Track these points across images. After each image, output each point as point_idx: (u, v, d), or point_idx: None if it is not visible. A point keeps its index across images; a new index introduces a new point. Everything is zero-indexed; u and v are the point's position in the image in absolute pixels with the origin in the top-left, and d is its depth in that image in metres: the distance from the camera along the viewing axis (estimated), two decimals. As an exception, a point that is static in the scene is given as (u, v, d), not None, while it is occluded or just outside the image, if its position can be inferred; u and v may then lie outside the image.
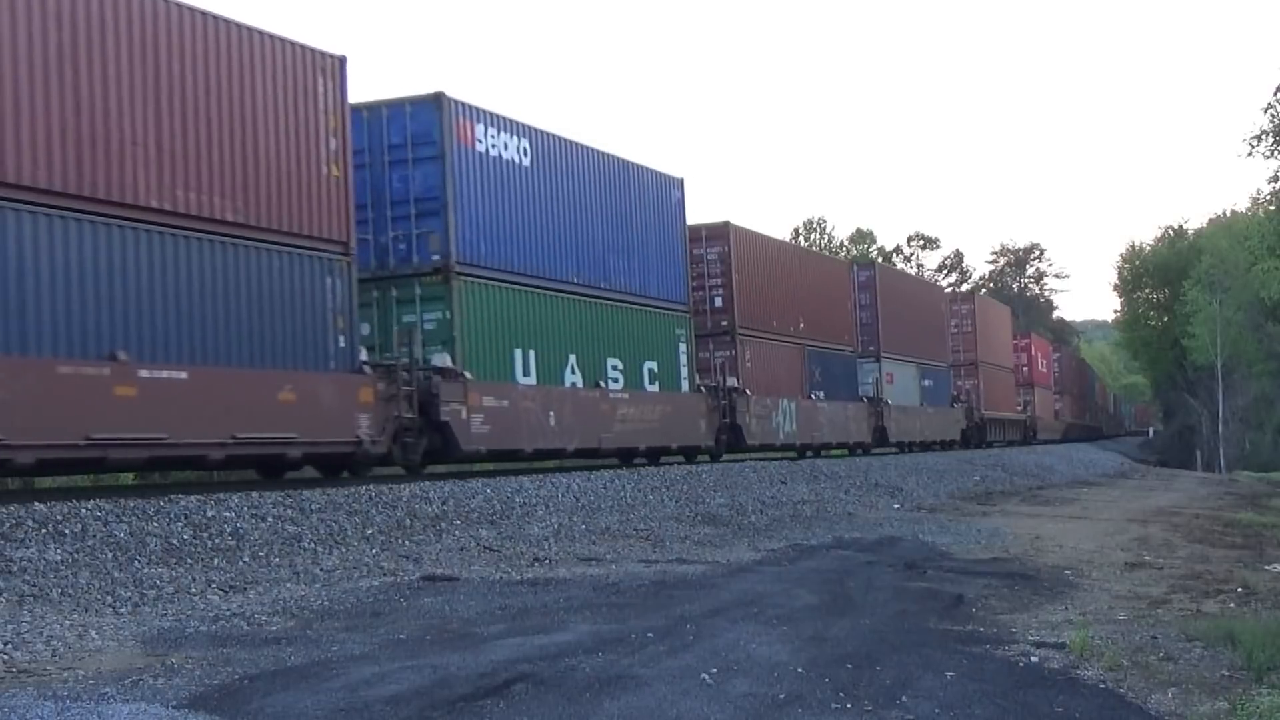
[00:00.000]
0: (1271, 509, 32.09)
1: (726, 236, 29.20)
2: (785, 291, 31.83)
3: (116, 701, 7.04)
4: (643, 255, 24.93)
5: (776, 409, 29.94)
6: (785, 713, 7.26)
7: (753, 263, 30.03)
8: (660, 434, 24.51)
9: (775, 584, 12.77)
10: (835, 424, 33.96)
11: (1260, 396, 68.37)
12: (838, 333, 35.47)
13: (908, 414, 40.44)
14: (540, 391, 20.90)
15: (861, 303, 38.83)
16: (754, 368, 29.36)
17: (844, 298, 36.69)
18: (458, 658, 8.42)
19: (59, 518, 11.88)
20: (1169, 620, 11.34)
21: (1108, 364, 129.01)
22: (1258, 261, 44.89)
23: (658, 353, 25.00)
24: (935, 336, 45.75)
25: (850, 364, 36.40)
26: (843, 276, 37.67)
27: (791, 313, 32.15)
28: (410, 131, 19.59)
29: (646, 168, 25.53)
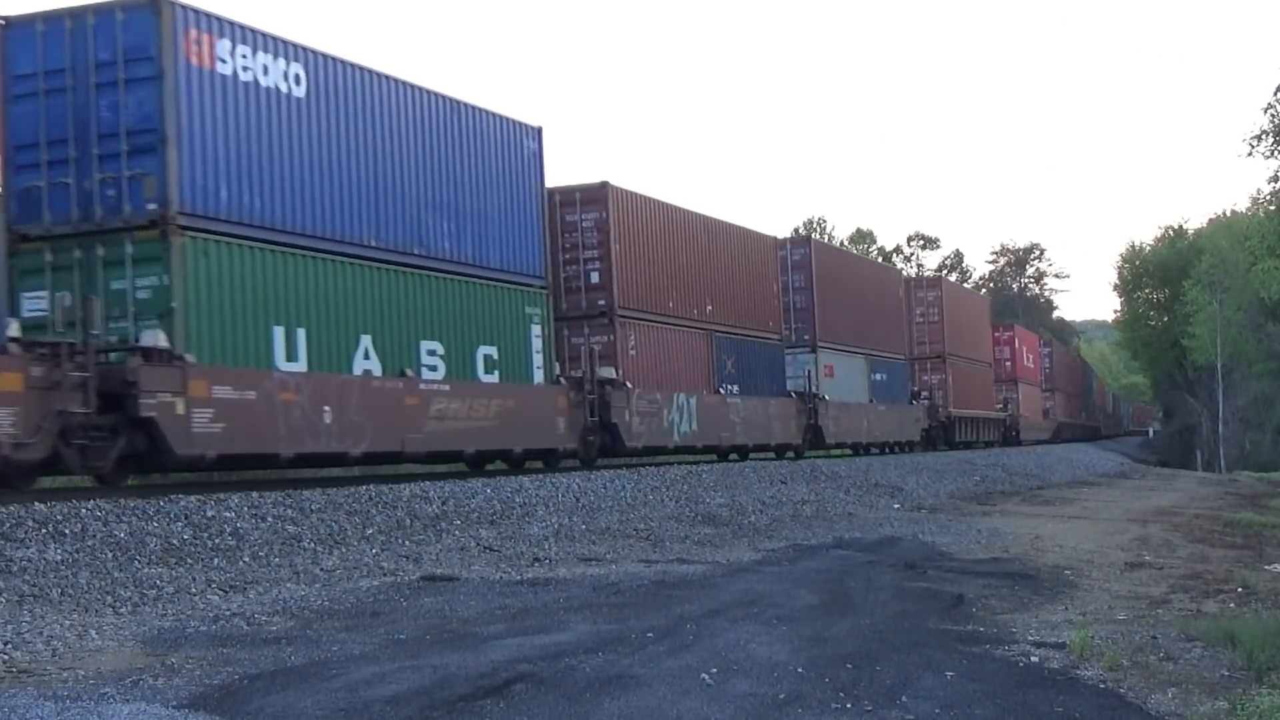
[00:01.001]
0: (1271, 509, 32.10)
1: (604, 200, 24.34)
2: (687, 268, 27.18)
3: (116, 701, 7.04)
4: (479, 217, 20.36)
5: (670, 405, 25.20)
6: (785, 713, 7.26)
7: (641, 232, 25.44)
8: (497, 435, 19.95)
9: (775, 584, 12.78)
10: (753, 423, 29.13)
11: (1260, 396, 68.37)
12: (760, 318, 30.66)
13: (851, 412, 35.79)
14: (311, 381, 16.47)
15: (795, 284, 33.90)
16: (641, 357, 24.82)
17: (769, 278, 31.57)
18: (458, 658, 8.42)
19: (59, 518, 11.88)
20: (1169, 620, 11.34)
21: (1108, 364, 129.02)
22: (1258, 261, 44.90)
23: (499, 336, 20.49)
24: (891, 325, 41.00)
25: (776, 354, 31.48)
26: (768, 254, 32.04)
27: (696, 293, 27.49)
28: (122, 45, 15.44)
29: (487, 111, 20.86)
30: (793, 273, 34.02)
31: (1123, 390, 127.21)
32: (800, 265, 34.43)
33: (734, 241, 30.13)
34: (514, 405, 20.49)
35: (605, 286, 24.19)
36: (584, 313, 24.08)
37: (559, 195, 23.94)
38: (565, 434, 21.95)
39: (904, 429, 40.81)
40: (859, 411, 36.66)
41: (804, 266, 34.46)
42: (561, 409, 21.92)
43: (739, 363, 29.04)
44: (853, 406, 36.19)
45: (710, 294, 28.18)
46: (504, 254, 21.04)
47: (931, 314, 46.83)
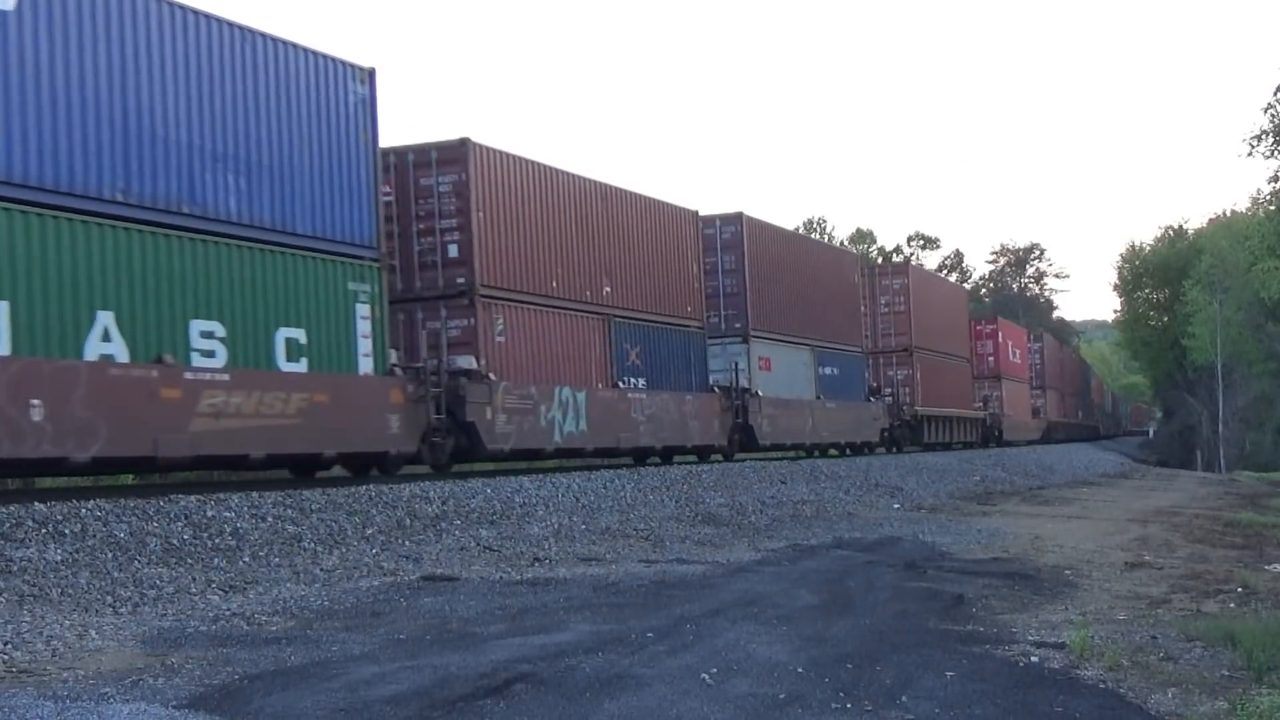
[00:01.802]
0: (1271, 509, 32.09)
1: (464, 160, 20.48)
2: (578, 243, 23.43)
3: (116, 701, 7.04)
4: (282, 172, 16.80)
5: (551, 401, 21.56)
6: (785, 713, 7.26)
7: (513, 199, 21.61)
8: (301, 436, 16.42)
9: (775, 584, 12.78)
10: (662, 422, 25.17)
11: (1260, 396, 68.42)
12: (676, 303, 26.79)
13: (790, 409, 31.55)
14: (8, 367, 12.93)
15: (725, 266, 30.00)
16: (513, 344, 21.11)
17: (689, 259, 27.60)
18: (458, 658, 8.42)
19: (59, 518, 11.88)
20: (1169, 620, 11.34)
21: (1108, 364, 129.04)
22: (1258, 261, 44.98)
23: (309, 316, 17.01)
24: (844, 315, 36.80)
25: (696, 344, 27.38)
26: (687, 230, 27.83)
27: (590, 272, 23.69)
28: None
29: (295, 45, 17.36)
30: (722, 254, 30.05)
31: (1122, 390, 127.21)
32: (731, 245, 30.22)
33: (642, 215, 25.97)
34: (326, 400, 16.80)
35: (465, 261, 20.35)
36: (441, 292, 20.34)
37: (412, 155, 20.58)
38: (401, 434, 18.16)
39: (859, 428, 36.80)
40: (801, 409, 32.35)
41: (735, 246, 30.21)
42: (395, 405, 18.09)
43: (647, 353, 25.24)
44: (793, 403, 31.84)
45: (609, 274, 24.28)
46: (318, 218, 17.35)
47: (898, 303, 42.53)
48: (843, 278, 37.46)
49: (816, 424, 33.40)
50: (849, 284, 37.91)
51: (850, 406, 36.23)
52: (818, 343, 34.25)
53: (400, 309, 19.87)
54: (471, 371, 19.89)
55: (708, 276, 29.10)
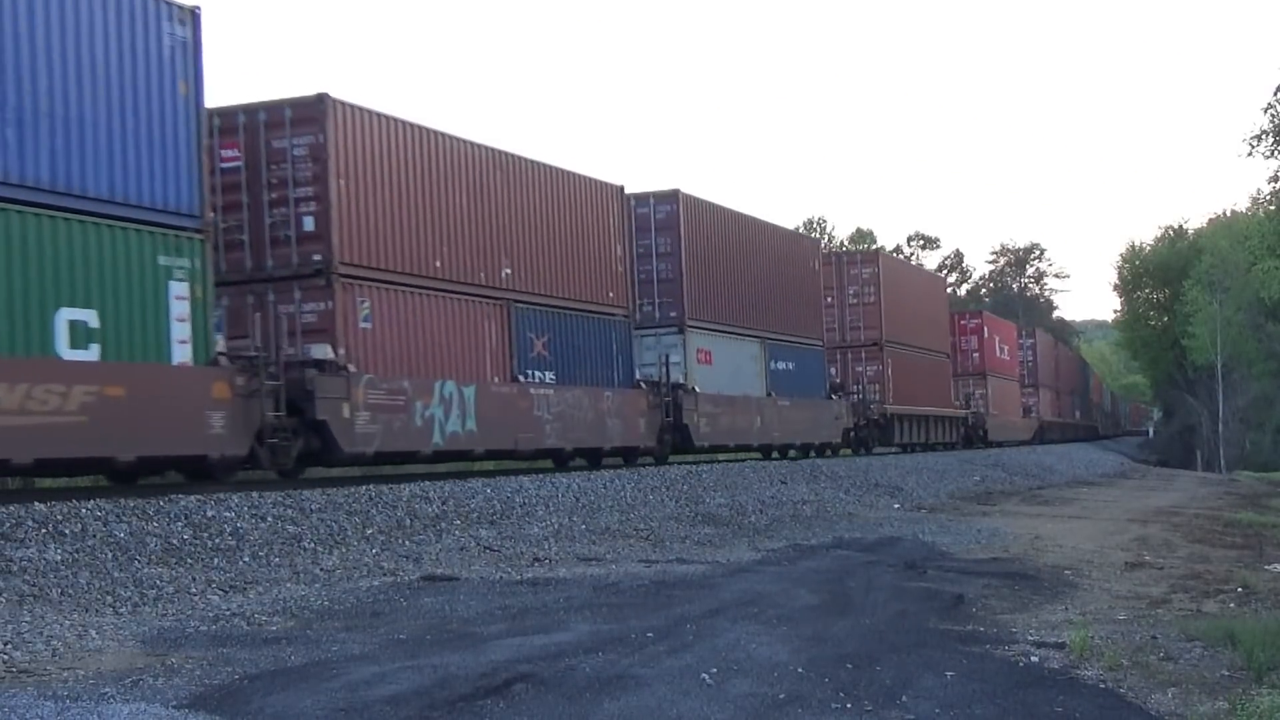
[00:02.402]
0: (1271, 509, 32.11)
1: (321, 119, 17.62)
2: (467, 219, 20.47)
3: (116, 701, 7.05)
4: (69, 124, 14.11)
5: (430, 396, 18.76)
6: (785, 713, 7.27)
7: (381, 165, 18.70)
8: (87, 438, 13.64)
9: (775, 584, 12.78)
10: (574, 420, 22.25)
11: (1260, 396, 68.42)
12: (596, 288, 23.83)
13: (734, 407, 28.48)
14: None
15: (660, 249, 26.99)
16: (383, 331, 18.37)
17: (612, 239, 24.57)
18: (458, 658, 8.43)
19: (59, 518, 11.89)
20: (1169, 620, 11.35)
21: (1108, 364, 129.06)
22: (1258, 261, 44.96)
23: (104, 295, 14.26)
24: (802, 305, 33.75)
25: (620, 334, 24.49)
26: (612, 208, 24.82)
27: (483, 252, 20.74)
28: None
29: None
30: (657, 235, 27.04)
31: (1122, 390, 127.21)
32: (666, 226, 27.13)
33: (554, 188, 23.02)
34: (122, 395, 14.11)
35: (322, 236, 17.59)
36: (294, 271, 17.61)
37: (264, 113, 17.88)
38: (226, 435, 15.36)
39: (818, 428, 33.61)
40: (747, 407, 29.21)
41: (670, 227, 27.14)
42: (219, 401, 15.41)
43: (557, 343, 22.28)
44: (738, 401, 28.78)
45: (511, 254, 21.36)
46: (118, 180, 14.69)
47: (867, 294, 39.37)
48: (800, 265, 34.16)
49: (766, 423, 30.12)
50: (807, 271, 34.61)
51: (807, 404, 32.97)
52: (769, 335, 31.09)
53: (250, 290, 17.52)
54: (326, 362, 17.19)
55: (640, 261, 26.58)
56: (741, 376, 29.47)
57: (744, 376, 29.62)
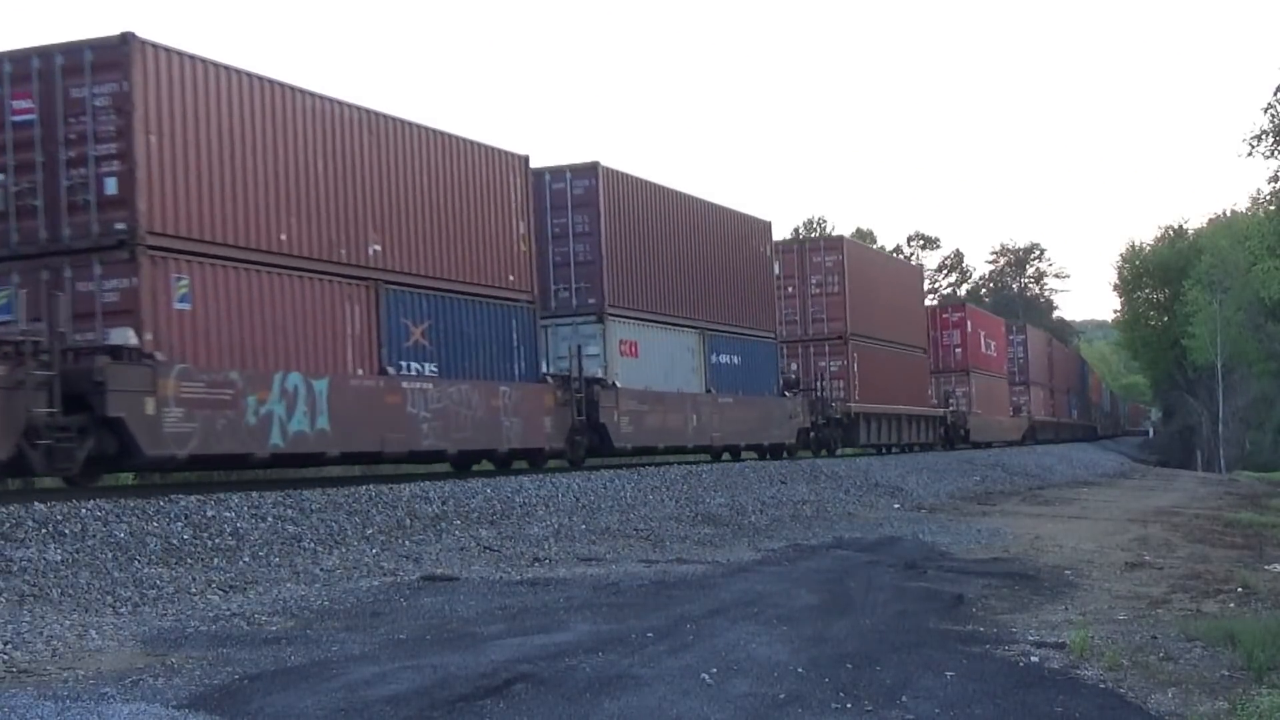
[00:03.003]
0: (1271, 509, 32.11)
1: (126, 64, 15.06)
2: (324, 187, 17.70)
3: (116, 701, 7.05)
4: None
5: (266, 390, 16.15)
6: (785, 713, 7.27)
7: (204, 122, 16.03)
8: None
9: (775, 584, 12.78)
10: (458, 419, 19.42)
11: (1260, 396, 68.47)
12: (490, 270, 20.86)
13: (665, 405, 25.61)
14: None
15: (576, 228, 24.15)
16: (207, 313, 15.76)
17: (512, 215, 21.57)
18: (458, 658, 8.43)
19: (59, 518, 11.89)
20: (1169, 620, 11.35)
21: (1108, 364, 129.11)
22: (1258, 261, 44.96)
23: None
24: (750, 294, 30.68)
25: (522, 322, 21.54)
26: (513, 180, 21.79)
27: (344, 225, 17.94)
28: None
29: None
30: (574, 213, 24.25)
31: (1122, 390, 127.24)
32: (584, 202, 24.34)
33: (439, 157, 20.16)
34: None
35: (126, 201, 15.10)
36: (95, 242, 15.13)
37: (61, 57, 15.32)
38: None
39: (767, 427, 30.55)
40: (681, 404, 26.28)
41: (589, 204, 24.33)
42: None
43: (440, 331, 19.53)
44: (669, 398, 25.83)
45: (380, 229, 18.63)
46: None
47: (830, 284, 36.40)
48: (749, 249, 30.99)
49: (704, 423, 27.12)
50: (757, 257, 31.48)
51: (755, 402, 29.97)
52: (710, 325, 28.13)
53: (45, 265, 15.14)
54: (124, 349, 14.62)
55: (556, 242, 24.00)
56: (675, 371, 26.59)
57: (678, 371, 26.72)
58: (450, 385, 19.35)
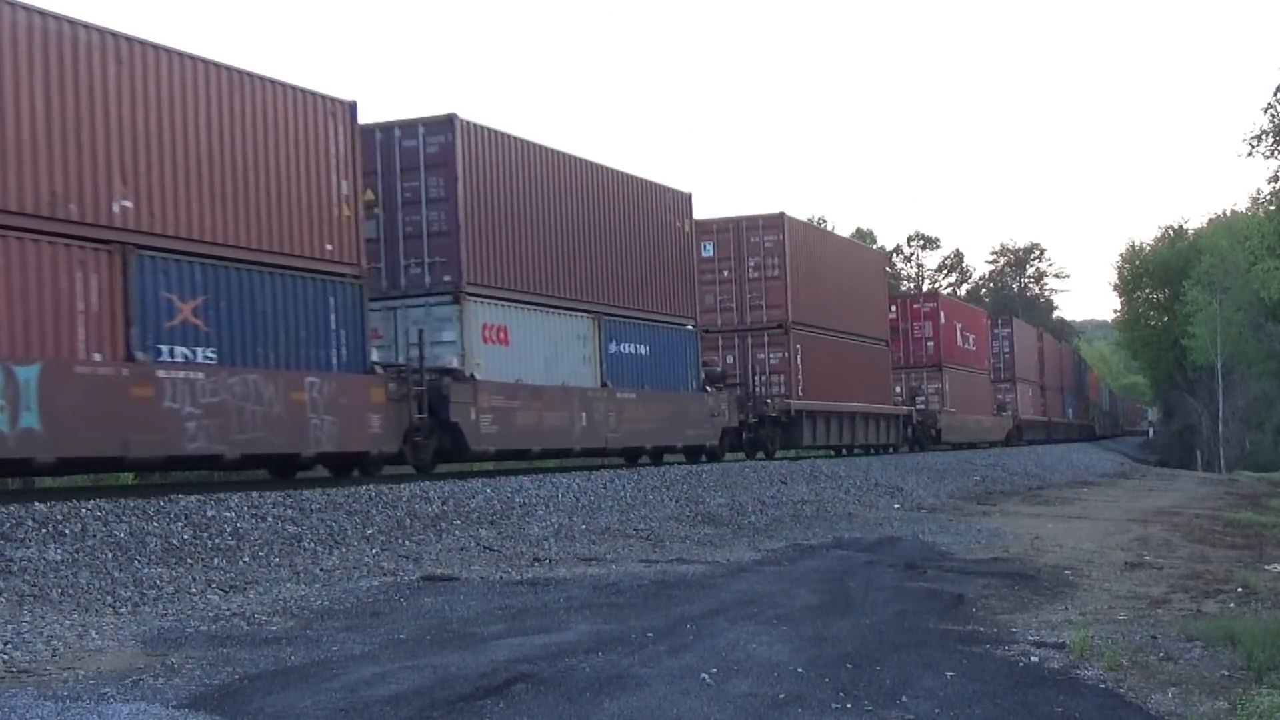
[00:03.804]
0: (1271, 509, 32.11)
1: None
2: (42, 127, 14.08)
3: (116, 701, 7.05)
4: None
5: None
6: (785, 712, 7.27)
7: None
8: None
9: (775, 584, 12.78)
10: (244, 415, 15.75)
11: (1260, 396, 68.44)
12: (299, 236, 17.19)
13: (543, 401, 21.66)
14: None
15: (430, 193, 20.34)
16: None
17: (330, 174, 17.80)
18: (458, 658, 8.43)
19: (59, 518, 11.90)
20: (1169, 620, 11.35)
21: (1108, 364, 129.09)
22: (1258, 261, 44.97)
23: None
24: (664, 275, 26.71)
25: (345, 301, 17.92)
26: (327, 130, 17.92)
27: (80, 177, 14.51)
28: None
29: None
30: (427, 175, 20.45)
31: (1122, 390, 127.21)
32: (439, 163, 20.43)
33: (216, 94, 16.26)
34: None
35: None
36: None
37: None
38: None
39: (679, 427, 26.44)
40: (565, 400, 22.33)
41: (444, 164, 20.40)
42: None
43: (222, 309, 15.94)
44: (549, 393, 21.94)
45: (130, 181, 15.11)
46: None
47: (770, 267, 32.33)
48: (661, 225, 26.87)
49: (595, 421, 23.04)
50: (673, 234, 27.34)
51: (665, 398, 25.86)
52: (607, 310, 24.26)
53: None
54: None
55: (407, 209, 20.41)
56: (560, 361, 22.64)
57: (565, 361, 22.77)
58: (233, 375, 15.77)
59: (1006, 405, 57.29)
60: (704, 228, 31.16)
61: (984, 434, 51.65)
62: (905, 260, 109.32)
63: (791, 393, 32.07)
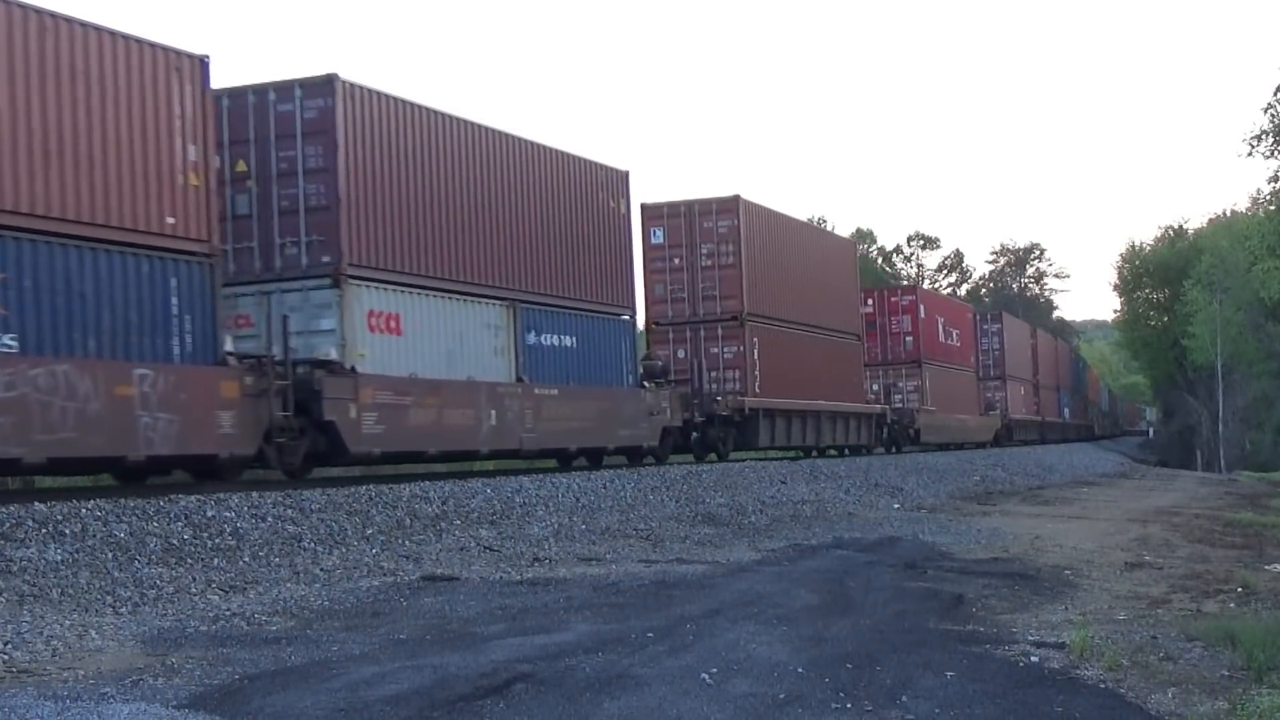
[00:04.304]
0: (1271, 509, 32.10)
1: None
2: None
3: (116, 701, 7.05)
4: None
5: None
6: (785, 712, 7.27)
7: None
8: None
9: (775, 584, 12.78)
10: (39, 415, 13.40)
11: (1260, 396, 68.42)
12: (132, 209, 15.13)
13: (440, 397, 19.12)
14: None
15: (307, 163, 18.13)
16: None
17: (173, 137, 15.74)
18: (458, 658, 8.43)
19: (59, 518, 11.90)
20: (1169, 620, 11.35)
21: (1108, 364, 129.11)
22: (1258, 261, 44.95)
23: None
24: (596, 261, 24.15)
25: (192, 283, 15.82)
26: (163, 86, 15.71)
27: None
28: None
29: None
30: (305, 144, 18.15)
31: (1122, 390, 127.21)
32: (318, 130, 18.22)
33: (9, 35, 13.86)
34: None
35: None
36: None
37: None
38: None
39: (610, 427, 23.68)
40: (470, 397, 19.75)
41: (323, 131, 18.18)
42: None
43: (27, 289, 13.77)
44: (449, 387, 19.34)
45: None
46: None
47: (724, 254, 29.58)
48: (593, 205, 24.26)
49: (509, 420, 20.40)
50: (607, 216, 24.81)
51: (596, 394, 23.20)
52: (524, 297, 21.62)
53: None
54: None
55: (282, 181, 18.17)
56: (466, 354, 20.05)
57: (472, 354, 20.20)
58: (36, 366, 13.52)
59: (996, 404, 54.95)
60: (654, 212, 29.50)
61: (969, 434, 49.01)
62: (905, 260, 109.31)
63: (747, 389, 29.28)
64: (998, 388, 55.39)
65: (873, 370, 41.40)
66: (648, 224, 29.15)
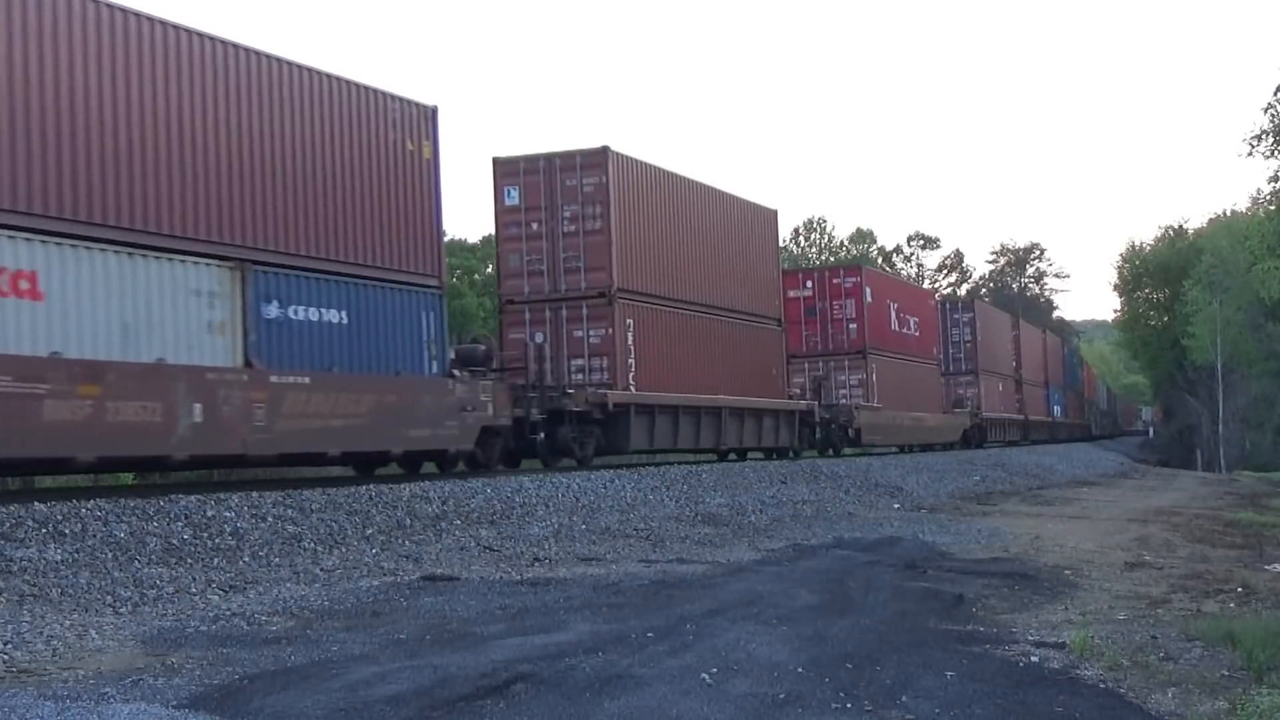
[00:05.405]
0: (1271, 509, 32.11)
1: None
2: None
3: (116, 701, 7.05)
4: None
5: None
6: (785, 712, 7.27)
7: None
8: None
9: (775, 584, 12.78)
10: None
11: (1260, 396, 68.41)
12: None
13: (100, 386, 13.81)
14: None
15: None
16: None
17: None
18: (458, 658, 8.43)
19: (59, 518, 11.90)
20: (1169, 620, 11.35)
21: (1108, 364, 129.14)
22: (1258, 261, 44.92)
23: None
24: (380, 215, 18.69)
25: None
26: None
27: None
28: None
29: None
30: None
31: (1122, 390, 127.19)
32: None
33: None
34: None
35: None
36: None
37: None
38: None
39: (397, 426, 18.44)
40: (156, 386, 14.68)
41: None
42: None
43: None
44: (120, 373, 14.33)
45: None
46: None
47: (590, 217, 24.47)
48: (377, 144, 18.85)
49: (226, 417, 15.43)
50: (399, 158, 19.26)
51: (374, 385, 18.09)
52: (260, 255, 16.65)
53: None
54: None
55: None
56: (153, 328, 15.07)
57: (162, 328, 15.18)
58: None
59: (966, 401, 49.79)
60: (507, 168, 24.71)
61: (927, 435, 43.43)
62: (905, 260, 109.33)
63: (617, 380, 24.12)
64: (969, 383, 50.62)
65: (811, 362, 37.31)
66: (501, 182, 24.70)
